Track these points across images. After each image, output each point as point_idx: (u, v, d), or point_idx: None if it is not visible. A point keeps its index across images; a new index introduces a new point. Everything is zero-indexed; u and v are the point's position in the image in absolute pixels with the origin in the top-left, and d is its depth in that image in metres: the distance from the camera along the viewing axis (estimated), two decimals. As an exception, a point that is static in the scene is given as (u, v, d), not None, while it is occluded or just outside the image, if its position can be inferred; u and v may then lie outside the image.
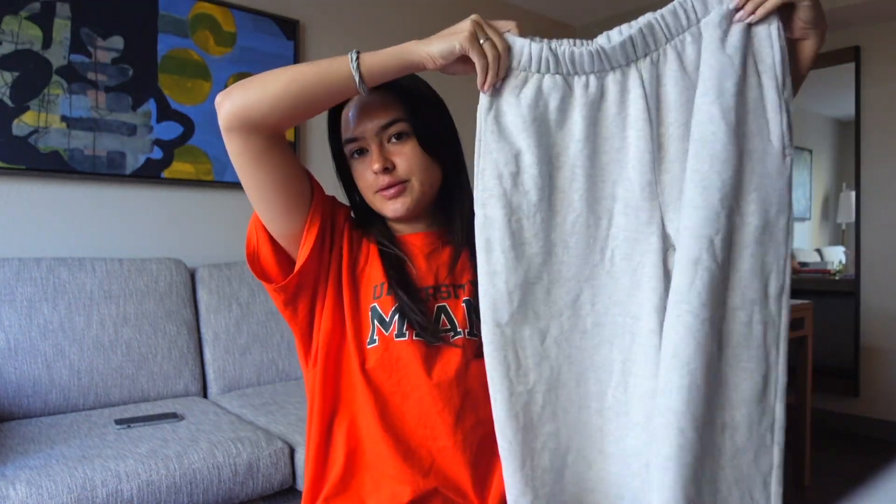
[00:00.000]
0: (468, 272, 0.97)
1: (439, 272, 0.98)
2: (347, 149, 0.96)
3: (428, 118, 0.96)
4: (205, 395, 2.17)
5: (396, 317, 0.92)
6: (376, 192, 0.94)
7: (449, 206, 1.00)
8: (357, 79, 0.79)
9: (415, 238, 0.99)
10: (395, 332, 0.91)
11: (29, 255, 2.06)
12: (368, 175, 0.94)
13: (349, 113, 0.95)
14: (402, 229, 1.01)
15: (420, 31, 0.85)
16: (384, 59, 0.79)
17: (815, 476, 2.69)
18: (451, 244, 0.99)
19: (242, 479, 1.59)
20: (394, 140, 0.93)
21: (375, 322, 0.93)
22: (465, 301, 0.96)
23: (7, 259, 1.90)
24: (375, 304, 0.93)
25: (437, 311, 0.95)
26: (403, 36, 0.81)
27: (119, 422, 1.71)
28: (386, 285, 0.93)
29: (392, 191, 0.93)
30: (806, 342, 2.62)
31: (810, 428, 2.64)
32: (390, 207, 0.94)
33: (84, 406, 1.90)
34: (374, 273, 0.95)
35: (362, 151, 0.95)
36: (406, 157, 0.93)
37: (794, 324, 2.56)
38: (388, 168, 0.92)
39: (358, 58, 0.79)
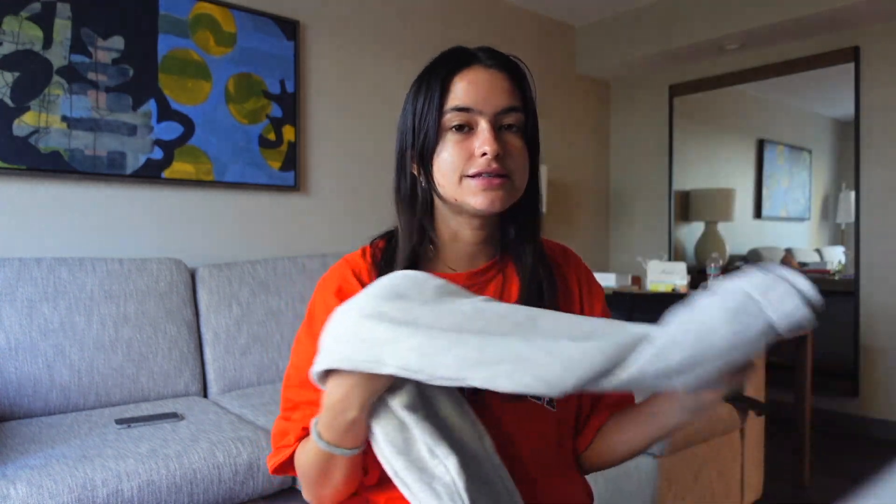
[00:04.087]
0: None
1: None
2: (451, 118, 0.81)
3: (535, 121, 0.86)
4: (205, 395, 2.17)
5: None
6: (474, 175, 0.80)
7: (518, 234, 0.89)
8: (324, 445, 0.72)
9: (459, 279, 0.85)
10: None
11: (29, 254, 2.06)
12: (466, 155, 0.80)
13: (463, 81, 0.81)
14: (460, 259, 0.88)
15: (420, 31, 0.84)
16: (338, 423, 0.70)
17: (815, 475, 2.69)
18: (521, 280, 0.87)
19: (243, 479, 1.59)
20: (508, 129, 0.82)
21: None
22: None
23: (7, 259, 1.90)
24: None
25: None
26: (403, 36, 0.78)
27: (119, 421, 1.71)
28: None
29: (498, 180, 0.80)
30: (806, 342, 2.62)
31: (810, 427, 2.64)
32: (487, 197, 0.80)
33: (84, 406, 1.90)
34: None
35: (464, 127, 0.81)
36: (518, 150, 0.82)
37: (794, 324, 2.56)
38: (500, 155, 0.80)
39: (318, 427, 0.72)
